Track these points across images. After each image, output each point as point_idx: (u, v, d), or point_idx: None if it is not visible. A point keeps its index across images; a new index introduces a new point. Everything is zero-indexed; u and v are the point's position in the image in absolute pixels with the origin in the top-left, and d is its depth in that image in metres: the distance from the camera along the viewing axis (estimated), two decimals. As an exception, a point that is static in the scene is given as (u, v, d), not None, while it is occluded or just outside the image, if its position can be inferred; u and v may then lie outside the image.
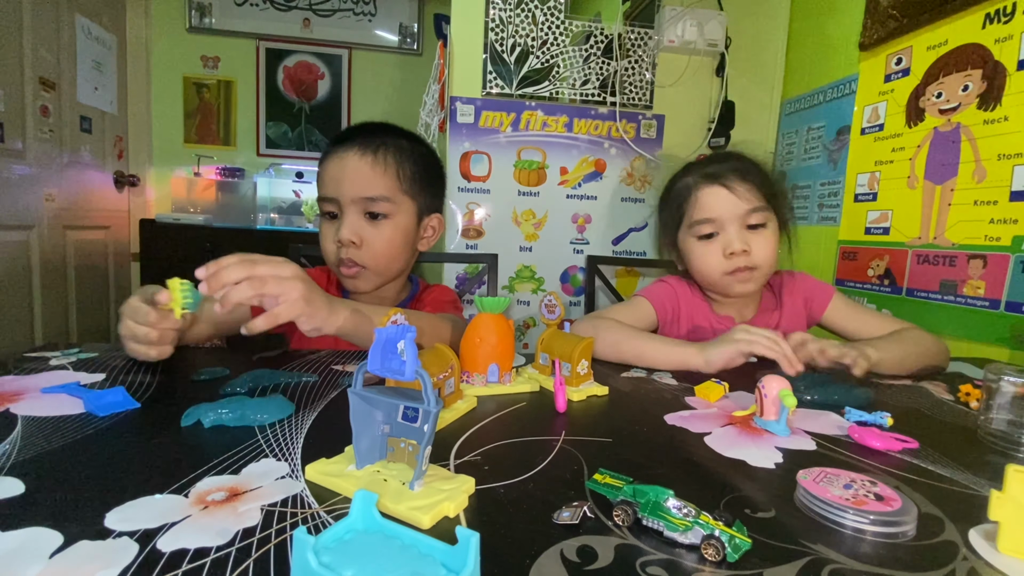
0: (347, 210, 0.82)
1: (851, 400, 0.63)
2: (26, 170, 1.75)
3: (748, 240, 0.86)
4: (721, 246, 0.87)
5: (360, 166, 0.82)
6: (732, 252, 0.86)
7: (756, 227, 0.87)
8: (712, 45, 1.65)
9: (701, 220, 0.88)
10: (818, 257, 1.60)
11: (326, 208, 0.84)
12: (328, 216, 0.85)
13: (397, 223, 0.85)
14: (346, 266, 0.83)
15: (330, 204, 0.83)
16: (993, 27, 1.12)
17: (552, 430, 0.52)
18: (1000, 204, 1.09)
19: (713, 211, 0.87)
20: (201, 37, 2.62)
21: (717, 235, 0.88)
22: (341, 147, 0.83)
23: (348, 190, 0.81)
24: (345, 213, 0.82)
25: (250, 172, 2.65)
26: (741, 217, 0.86)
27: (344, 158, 0.82)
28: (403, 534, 0.27)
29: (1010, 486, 0.34)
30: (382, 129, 0.88)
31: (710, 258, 0.88)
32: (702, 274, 0.91)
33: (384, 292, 0.92)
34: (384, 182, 0.83)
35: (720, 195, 0.87)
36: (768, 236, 0.88)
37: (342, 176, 0.82)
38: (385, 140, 0.85)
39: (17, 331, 1.73)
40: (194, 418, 0.48)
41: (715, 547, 0.32)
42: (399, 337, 0.38)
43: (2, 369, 0.62)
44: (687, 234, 0.92)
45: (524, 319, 1.75)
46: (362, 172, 0.82)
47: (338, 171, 0.82)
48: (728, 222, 0.87)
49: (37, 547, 0.30)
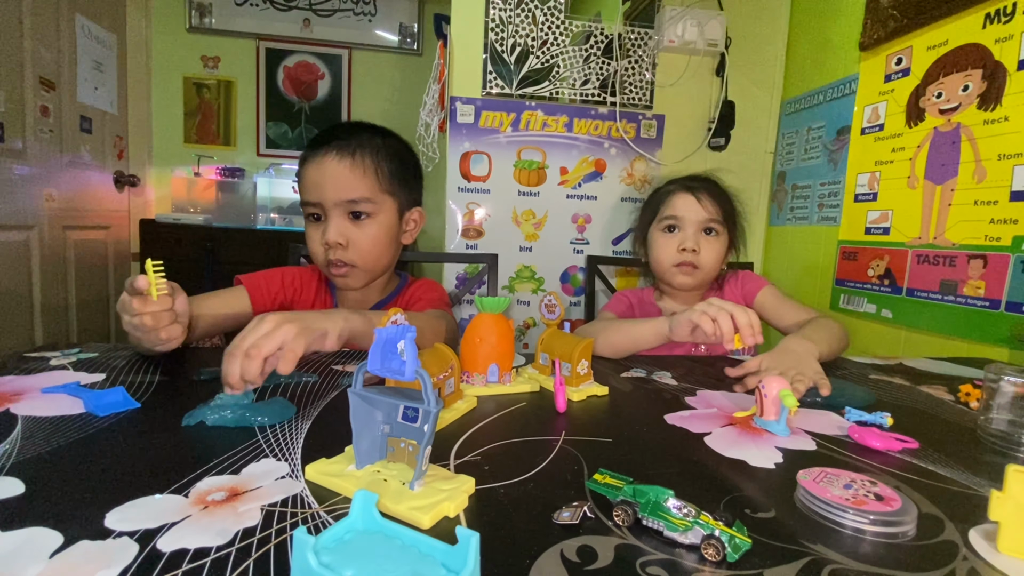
0: (331, 213, 0.84)
1: (852, 401, 0.63)
2: (26, 170, 1.75)
3: (700, 243, 1.03)
4: (678, 240, 1.04)
5: (340, 170, 0.83)
6: (684, 248, 1.02)
7: (710, 234, 1.04)
8: (712, 45, 1.65)
9: (669, 216, 1.05)
10: (818, 257, 1.60)
11: (310, 211, 0.86)
12: (312, 218, 0.86)
13: (380, 221, 0.87)
14: (336, 267, 0.85)
15: (314, 207, 0.85)
16: (993, 27, 1.12)
17: (552, 430, 0.52)
18: (1000, 204, 1.09)
19: (679, 211, 1.04)
20: (201, 37, 2.62)
21: (678, 231, 1.05)
22: (319, 151, 0.84)
23: (331, 194, 0.83)
24: (329, 216, 0.84)
25: (250, 172, 2.65)
26: (700, 223, 1.03)
27: (323, 163, 0.84)
28: (403, 534, 0.27)
29: (1010, 486, 0.34)
30: (356, 128, 0.89)
31: (666, 248, 1.05)
32: (658, 261, 1.07)
33: (374, 285, 0.94)
34: (364, 183, 0.84)
35: (689, 201, 1.04)
36: (716, 245, 1.04)
37: (323, 180, 0.83)
38: (361, 141, 0.86)
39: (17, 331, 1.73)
40: (197, 419, 0.48)
41: (715, 547, 0.32)
42: (399, 337, 0.38)
43: (2, 369, 0.62)
44: (655, 228, 1.08)
45: (524, 319, 1.75)
46: (342, 175, 0.83)
47: (318, 176, 0.84)
48: (689, 224, 1.04)
49: (37, 547, 0.30)
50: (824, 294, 1.57)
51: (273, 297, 0.89)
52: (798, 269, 1.69)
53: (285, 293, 0.91)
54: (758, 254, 1.85)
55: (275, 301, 0.89)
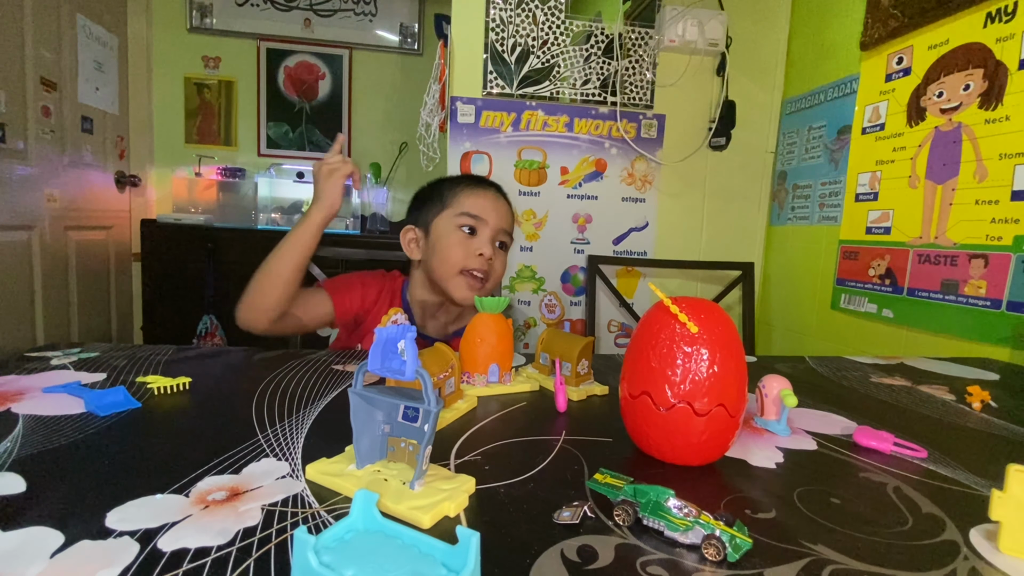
0: (489, 234, 0.94)
1: None
2: (27, 170, 1.75)
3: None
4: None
5: (501, 206, 0.97)
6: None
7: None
8: (713, 45, 1.65)
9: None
10: (819, 257, 1.60)
11: (468, 223, 0.93)
12: (468, 230, 0.93)
13: (507, 255, 1.00)
14: (477, 272, 0.92)
15: (476, 222, 0.93)
16: (994, 26, 1.11)
17: (552, 430, 0.52)
18: (1001, 204, 1.09)
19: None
20: (202, 37, 2.62)
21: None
22: (481, 185, 0.98)
23: (494, 220, 0.94)
24: (486, 236, 0.93)
25: (251, 172, 2.65)
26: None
27: (487, 194, 0.96)
28: (403, 534, 0.27)
29: (1011, 485, 0.34)
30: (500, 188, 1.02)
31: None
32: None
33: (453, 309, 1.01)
34: (510, 222, 0.99)
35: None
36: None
37: (491, 207, 0.95)
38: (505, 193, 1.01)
39: (18, 331, 1.73)
40: None
41: (716, 547, 0.32)
42: (399, 337, 0.38)
43: (3, 369, 0.62)
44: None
45: (524, 319, 1.75)
46: (504, 210, 0.97)
47: (486, 201, 0.95)
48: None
49: (38, 547, 0.30)
50: (825, 294, 1.57)
51: (351, 306, 0.95)
52: (799, 269, 1.69)
53: (364, 303, 0.97)
54: (758, 254, 1.85)
55: (351, 310, 0.95)
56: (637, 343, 0.46)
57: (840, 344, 1.51)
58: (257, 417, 0.51)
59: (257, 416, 0.51)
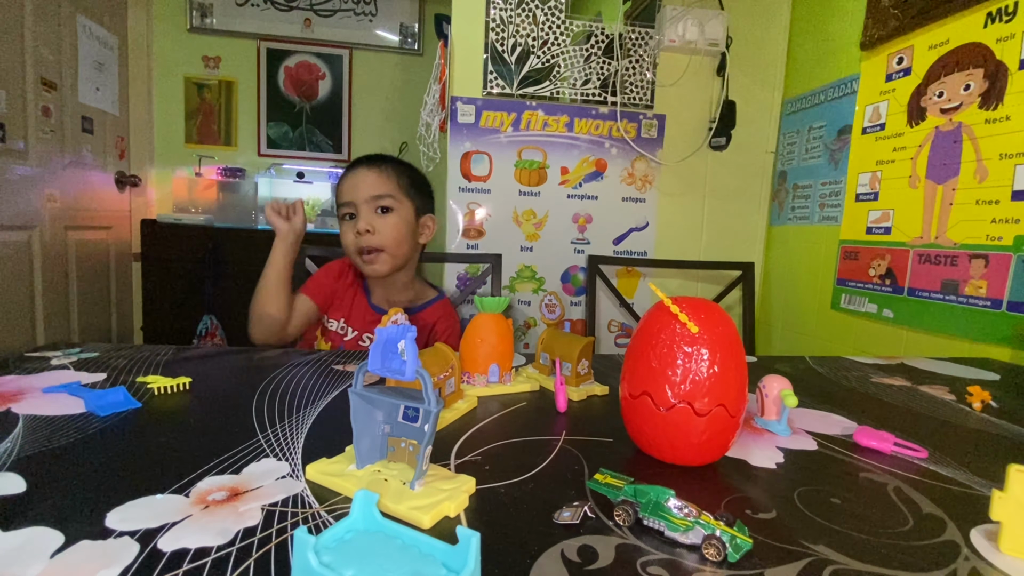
0: (361, 208, 1.00)
1: None
2: (28, 170, 1.75)
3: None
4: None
5: (368, 175, 1.02)
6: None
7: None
8: (713, 45, 1.65)
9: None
10: (819, 257, 1.60)
11: (345, 211, 1.03)
12: (348, 217, 1.03)
13: (400, 215, 1.03)
14: (365, 253, 1.00)
15: (348, 207, 1.02)
16: (994, 26, 1.11)
17: (552, 430, 0.52)
18: (1002, 204, 1.09)
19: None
20: (202, 37, 2.62)
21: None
22: (352, 167, 1.05)
23: (361, 193, 1.00)
24: (360, 212, 1.00)
25: (251, 172, 2.65)
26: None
27: (356, 172, 1.03)
28: (404, 534, 0.27)
29: (1011, 486, 0.34)
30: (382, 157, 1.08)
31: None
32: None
33: (397, 278, 1.08)
34: (388, 185, 1.02)
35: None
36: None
37: (355, 184, 1.01)
38: (384, 159, 1.06)
39: (18, 331, 1.73)
40: None
41: (716, 547, 0.32)
42: (399, 337, 0.38)
43: (3, 369, 0.62)
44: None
45: (524, 319, 1.75)
46: (370, 179, 1.02)
47: (352, 181, 1.02)
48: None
49: (38, 547, 0.30)
50: (825, 294, 1.57)
51: (324, 290, 1.06)
52: (799, 269, 1.69)
53: (328, 278, 1.08)
54: (759, 254, 1.85)
55: (324, 292, 1.06)
56: (637, 343, 0.46)
57: (840, 344, 1.51)
58: (257, 417, 0.51)
59: (257, 416, 0.51)
